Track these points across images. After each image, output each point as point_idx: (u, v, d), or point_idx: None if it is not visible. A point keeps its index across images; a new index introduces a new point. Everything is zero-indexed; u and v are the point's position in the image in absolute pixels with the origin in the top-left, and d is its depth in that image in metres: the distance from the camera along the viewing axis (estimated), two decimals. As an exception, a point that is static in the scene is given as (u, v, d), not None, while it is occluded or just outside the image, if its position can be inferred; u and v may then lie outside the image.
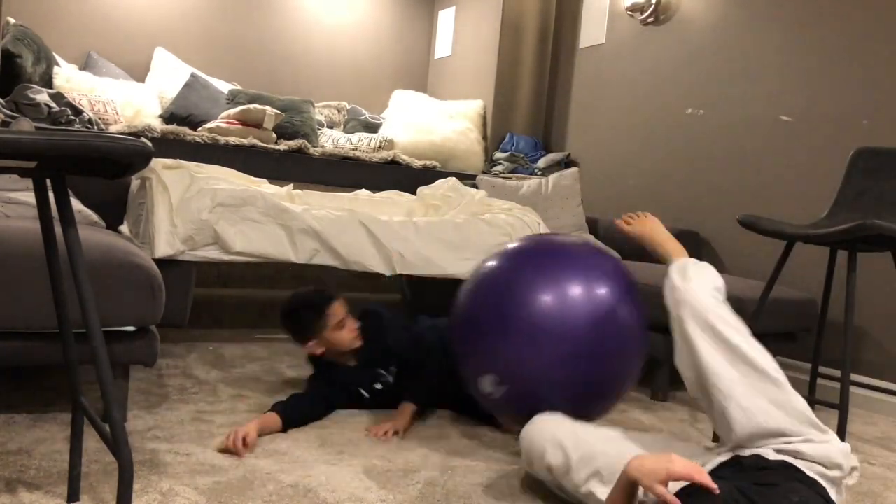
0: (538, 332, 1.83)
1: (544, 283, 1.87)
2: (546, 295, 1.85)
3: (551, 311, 1.84)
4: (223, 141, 3.93)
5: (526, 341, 1.84)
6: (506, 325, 1.87)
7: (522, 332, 1.84)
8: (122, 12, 4.85)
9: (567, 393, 1.85)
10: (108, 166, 1.18)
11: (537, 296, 1.86)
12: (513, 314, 1.87)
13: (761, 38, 3.71)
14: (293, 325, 2.32)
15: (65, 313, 1.42)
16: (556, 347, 1.83)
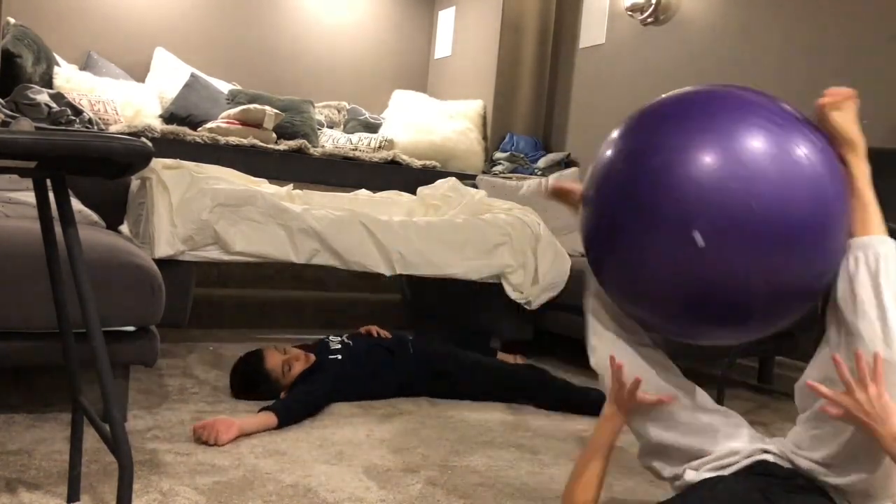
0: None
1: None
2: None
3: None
4: (223, 141, 3.93)
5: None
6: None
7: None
8: (122, 12, 4.85)
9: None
10: (108, 166, 1.18)
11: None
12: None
13: (761, 38, 3.71)
14: (259, 396, 2.29)
15: (65, 313, 1.42)
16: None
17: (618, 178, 1.38)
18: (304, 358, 2.36)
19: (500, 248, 3.07)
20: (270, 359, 2.32)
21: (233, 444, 1.89)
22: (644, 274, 1.36)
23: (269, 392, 2.29)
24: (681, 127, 1.32)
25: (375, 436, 2.08)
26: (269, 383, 2.30)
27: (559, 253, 3.22)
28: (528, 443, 2.14)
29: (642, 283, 1.38)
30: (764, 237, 1.25)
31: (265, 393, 2.29)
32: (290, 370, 2.31)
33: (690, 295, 1.32)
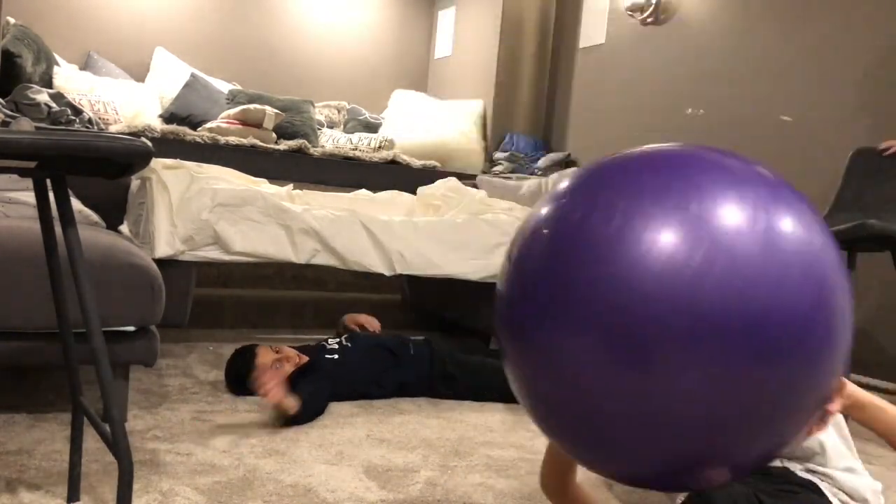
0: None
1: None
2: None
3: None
4: (223, 141, 3.93)
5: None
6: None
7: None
8: (122, 12, 4.85)
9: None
10: (108, 166, 1.18)
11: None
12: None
13: (761, 38, 3.71)
14: (248, 392, 2.28)
15: (65, 313, 1.42)
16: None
17: (542, 244, 0.99)
18: (297, 358, 2.37)
19: (500, 248, 3.07)
20: (261, 356, 2.33)
21: (233, 443, 1.90)
22: (551, 380, 0.98)
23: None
24: (647, 189, 0.95)
25: (375, 436, 2.08)
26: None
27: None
28: (527, 443, 2.14)
29: (545, 388, 0.99)
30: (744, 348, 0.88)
31: (253, 388, 2.29)
32: (279, 369, 2.31)
33: (612, 426, 0.94)
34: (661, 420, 0.90)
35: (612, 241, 0.90)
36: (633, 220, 0.90)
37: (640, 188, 0.94)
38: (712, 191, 0.92)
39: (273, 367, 2.31)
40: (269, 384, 1.96)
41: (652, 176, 0.96)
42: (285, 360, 2.34)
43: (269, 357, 2.33)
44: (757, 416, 0.91)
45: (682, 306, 0.86)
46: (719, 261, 0.87)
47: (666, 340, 0.86)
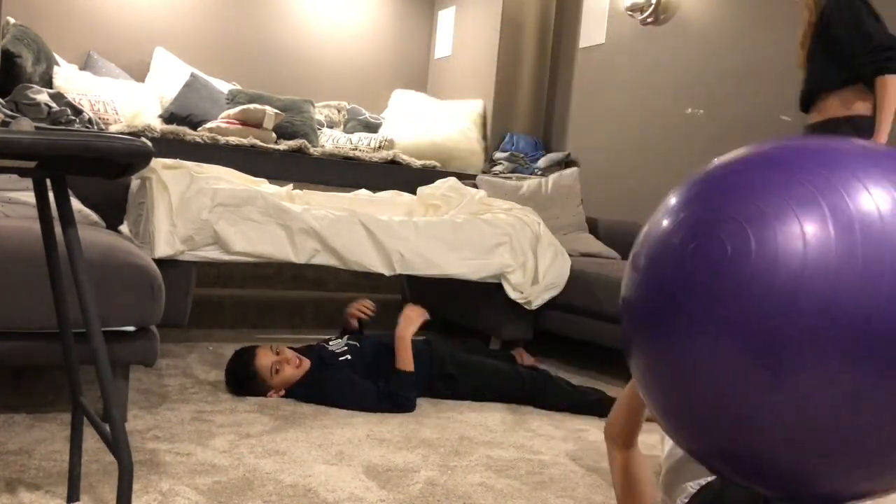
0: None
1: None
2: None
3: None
4: (223, 141, 3.93)
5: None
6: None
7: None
8: (122, 12, 4.85)
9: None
10: (108, 166, 1.18)
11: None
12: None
13: (761, 38, 3.72)
14: (247, 393, 2.36)
15: (64, 313, 1.42)
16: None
17: (674, 250, 0.94)
18: (296, 360, 2.36)
19: (500, 248, 3.07)
20: (261, 358, 2.33)
21: (232, 444, 1.90)
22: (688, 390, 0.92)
23: (255, 390, 2.33)
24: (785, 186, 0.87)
25: (375, 436, 2.08)
26: (255, 382, 2.32)
27: (559, 253, 3.22)
28: (527, 443, 2.14)
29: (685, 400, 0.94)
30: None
31: (251, 390, 2.33)
32: (278, 372, 2.32)
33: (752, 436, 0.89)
34: (790, 423, 0.85)
35: (748, 248, 0.85)
36: (764, 226, 0.85)
37: (762, 188, 0.87)
38: (849, 179, 0.84)
39: (272, 370, 2.31)
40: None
41: (771, 174, 0.88)
42: (284, 363, 2.34)
43: (268, 359, 2.33)
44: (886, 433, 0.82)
45: (822, 307, 0.80)
46: (861, 256, 0.80)
47: (804, 343, 0.81)
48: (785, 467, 0.90)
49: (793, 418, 0.85)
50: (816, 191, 0.84)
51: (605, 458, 2.08)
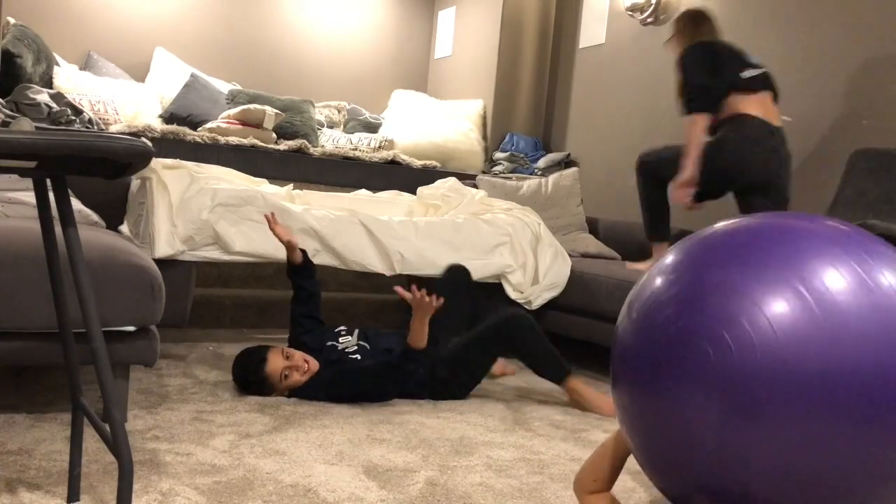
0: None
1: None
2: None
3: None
4: (223, 141, 3.93)
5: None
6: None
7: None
8: (122, 12, 4.85)
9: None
10: (108, 166, 1.18)
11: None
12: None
13: (761, 38, 3.71)
14: (252, 393, 2.36)
15: (64, 313, 1.42)
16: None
17: (665, 318, 1.12)
18: (306, 367, 2.34)
19: (500, 248, 3.07)
20: (272, 363, 2.32)
21: (233, 444, 1.90)
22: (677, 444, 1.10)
23: (261, 392, 2.33)
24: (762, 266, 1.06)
25: (375, 436, 2.08)
26: (263, 386, 2.32)
27: (559, 253, 3.22)
28: (527, 443, 2.14)
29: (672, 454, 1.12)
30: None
31: (257, 391, 2.33)
32: (286, 378, 2.31)
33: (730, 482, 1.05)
34: (754, 468, 1.03)
35: (727, 313, 1.04)
36: (741, 296, 1.04)
37: (745, 265, 1.07)
38: (811, 260, 1.04)
39: (282, 375, 2.30)
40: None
41: (754, 253, 1.08)
42: (294, 369, 2.32)
43: (279, 364, 2.31)
44: (855, 478, 1.00)
45: (791, 370, 0.99)
46: (825, 326, 0.99)
47: (773, 399, 0.99)
48: (761, 497, 1.05)
49: (769, 455, 1.02)
50: (786, 282, 1.03)
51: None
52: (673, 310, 1.11)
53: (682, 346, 1.07)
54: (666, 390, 1.08)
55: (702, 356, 1.05)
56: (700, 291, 1.09)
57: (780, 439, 0.98)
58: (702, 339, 1.05)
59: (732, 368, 1.02)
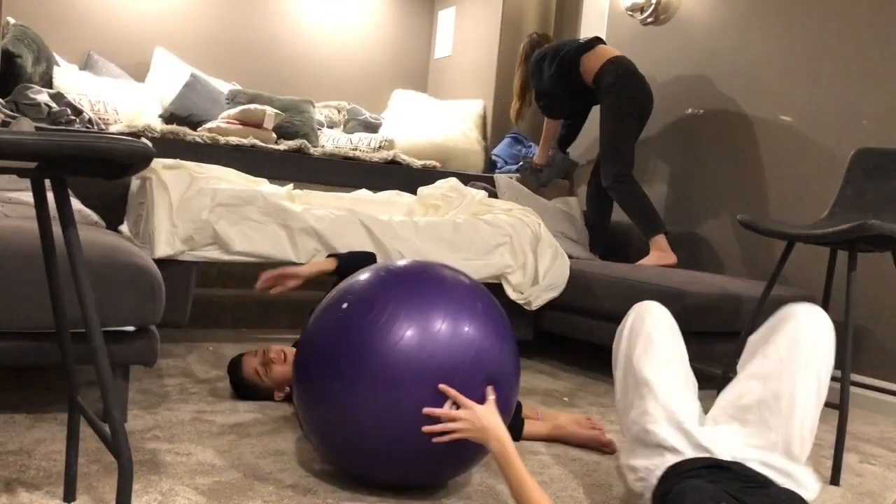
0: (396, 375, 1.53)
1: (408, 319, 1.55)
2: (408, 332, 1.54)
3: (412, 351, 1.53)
4: (223, 141, 3.93)
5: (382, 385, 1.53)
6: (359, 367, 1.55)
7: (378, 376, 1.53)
8: (122, 12, 4.85)
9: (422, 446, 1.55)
10: (108, 167, 1.18)
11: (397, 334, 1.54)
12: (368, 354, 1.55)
13: (761, 38, 3.72)
14: (254, 398, 2.32)
15: (62, 313, 1.42)
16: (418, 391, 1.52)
17: (338, 327, 1.62)
18: (283, 357, 2.28)
19: (500, 249, 3.07)
20: (245, 366, 2.28)
21: (232, 444, 1.90)
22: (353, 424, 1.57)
23: (258, 396, 2.29)
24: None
25: (375, 436, 2.07)
26: (252, 390, 2.29)
27: (559, 253, 3.22)
28: (528, 443, 2.14)
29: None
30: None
31: (255, 396, 2.30)
32: (268, 372, 2.26)
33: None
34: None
35: (379, 330, 1.56)
36: (391, 319, 1.56)
37: (397, 298, 1.60)
38: (430, 303, 1.60)
39: (259, 374, 2.26)
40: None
41: (404, 289, 1.62)
42: (270, 363, 2.27)
43: (251, 365, 2.28)
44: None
45: (413, 367, 1.54)
46: (424, 341, 1.55)
47: (403, 386, 1.53)
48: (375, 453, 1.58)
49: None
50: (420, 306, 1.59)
51: (606, 458, 2.08)
52: (345, 319, 1.62)
53: (349, 349, 1.57)
54: (339, 388, 1.57)
55: (361, 356, 1.56)
56: (368, 309, 1.60)
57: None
58: (362, 344, 1.56)
59: (380, 365, 1.54)
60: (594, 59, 3.75)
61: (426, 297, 1.60)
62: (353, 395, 1.53)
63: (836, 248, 2.52)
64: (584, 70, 3.79)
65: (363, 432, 1.55)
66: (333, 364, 1.56)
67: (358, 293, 1.64)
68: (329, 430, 1.60)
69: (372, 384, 1.52)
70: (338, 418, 1.56)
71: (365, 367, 1.53)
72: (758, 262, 3.58)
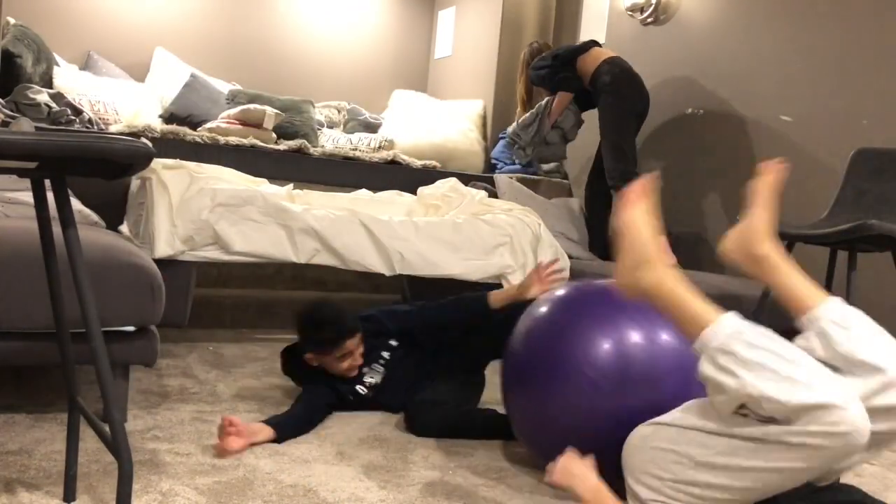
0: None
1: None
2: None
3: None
4: (223, 141, 3.93)
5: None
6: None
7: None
8: (122, 12, 4.86)
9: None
10: (108, 167, 1.18)
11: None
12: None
13: (761, 38, 3.72)
14: (305, 333, 2.25)
15: (61, 313, 1.43)
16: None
17: (542, 334, 1.81)
18: (354, 367, 2.24)
19: (500, 249, 3.07)
20: (352, 343, 2.20)
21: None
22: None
23: (312, 345, 2.22)
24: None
25: (375, 436, 2.08)
26: (325, 347, 2.19)
27: (559, 253, 3.22)
28: (527, 443, 2.14)
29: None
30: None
31: (311, 342, 2.22)
32: (341, 361, 2.21)
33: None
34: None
35: (578, 339, 1.70)
36: (591, 333, 1.70)
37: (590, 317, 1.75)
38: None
39: (346, 350, 2.19)
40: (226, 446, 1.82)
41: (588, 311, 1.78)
42: (349, 355, 2.21)
43: (353, 346, 2.20)
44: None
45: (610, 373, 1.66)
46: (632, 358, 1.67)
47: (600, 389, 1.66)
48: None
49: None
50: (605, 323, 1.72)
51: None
52: (549, 327, 1.81)
53: (555, 352, 1.74)
54: (549, 385, 1.73)
55: (565, 358, 1.71)
56: (566, 325, 1.76)
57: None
58: (565, 348, 1.72)
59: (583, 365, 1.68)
60: (590, 61, 3.80)
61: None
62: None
63: (836, 248, 2.52)
64: (580, 72, 3.85)
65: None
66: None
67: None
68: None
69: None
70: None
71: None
72: (758, 262, 3.57)
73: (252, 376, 2.62)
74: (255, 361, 2.85)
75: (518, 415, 1.86)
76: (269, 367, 2.77)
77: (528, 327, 1.85)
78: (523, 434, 1.87)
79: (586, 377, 1.64)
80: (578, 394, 1.65)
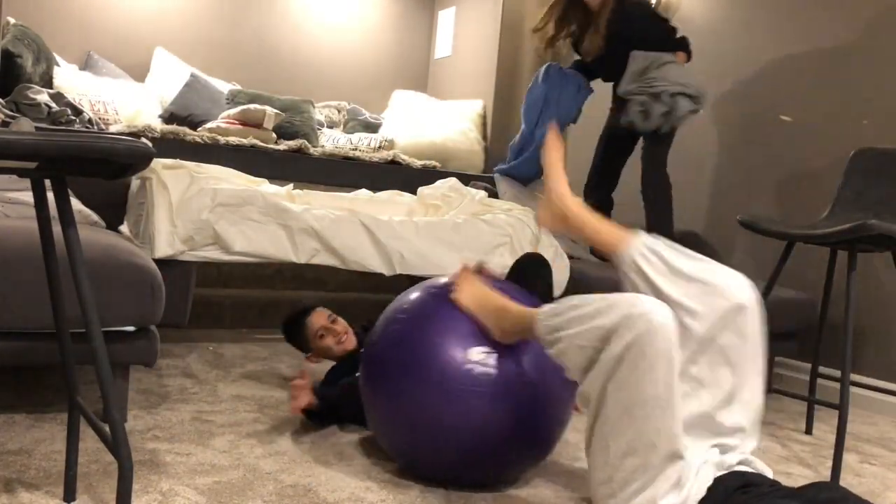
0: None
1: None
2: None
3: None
4: (223, 141, 3.93)
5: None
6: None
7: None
8: (122, 12, 4.86)
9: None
10: (108, 167, 1.19)
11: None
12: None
13: (761, 37, 3.72)
14: (293, 342, 2.48)
15: (61, 313, 1.43)
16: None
17: (400, 331, 1.83)
18: (343, 336, 2.35)
19: (500, 249, 3.07)
20: (315, 317, 2.39)
21: (232, 444, 1.90)
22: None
23: (298, 343, 2.44)
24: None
25: (375, 435, 2.07)
26: (300, 335, 2.40)
27: (559, 254, 3.22)
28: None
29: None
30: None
31: (295, 341, 2.44)
32: (321, 338, 2.35)
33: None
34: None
35: (437, 338, 1.74)
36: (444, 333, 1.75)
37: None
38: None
39: (318, 333, 2.34)
40: (296, 397, 1.99)
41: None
42: (331, 334, 2.35)
43: (320, 322, 2.37)
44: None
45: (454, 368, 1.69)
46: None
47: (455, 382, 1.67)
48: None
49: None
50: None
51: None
52: (407, 326, 1.84)
53: (409, 349, 1.75)
54: (403, 383, 1.72)
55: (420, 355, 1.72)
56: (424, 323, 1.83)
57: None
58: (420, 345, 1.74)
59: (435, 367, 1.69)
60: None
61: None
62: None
63: (836, 248, 2.52)
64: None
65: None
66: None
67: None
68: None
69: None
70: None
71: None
72: (758, 262, 3.58)
73: (252, 376, 2.62)
74: (255, 361, 2.85)
75: (373, 412, 1.84)
76: (269, 367, 2.78)
77: (381, 327, 1.88)
78: (378, 428, 1.85)
79: (433, 375, 1.67)
80: (427, 391, 1.68)
